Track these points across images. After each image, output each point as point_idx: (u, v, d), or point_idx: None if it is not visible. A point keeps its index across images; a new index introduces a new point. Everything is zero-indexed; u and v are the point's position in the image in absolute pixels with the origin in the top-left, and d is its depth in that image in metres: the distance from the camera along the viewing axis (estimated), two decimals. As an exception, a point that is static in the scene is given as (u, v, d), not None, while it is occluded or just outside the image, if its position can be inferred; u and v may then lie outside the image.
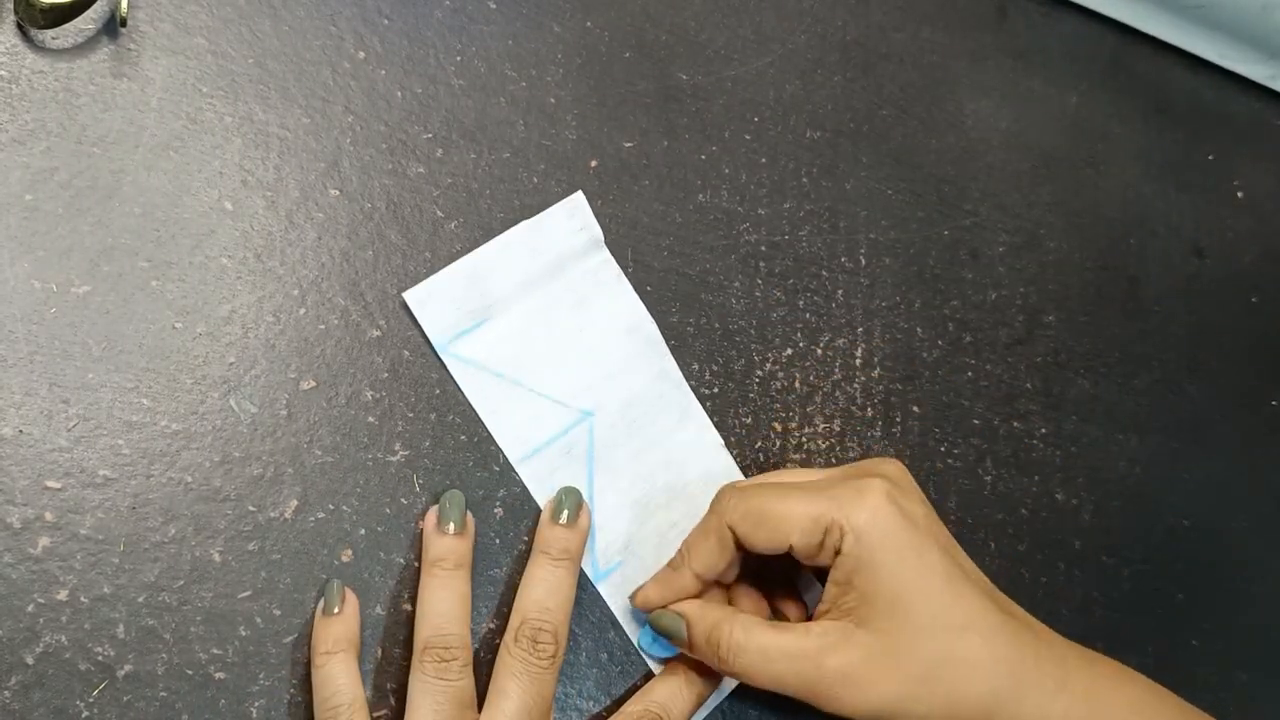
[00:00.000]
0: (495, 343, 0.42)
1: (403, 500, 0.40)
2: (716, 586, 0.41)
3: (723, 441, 0.44)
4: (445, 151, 0.43)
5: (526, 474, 0.41)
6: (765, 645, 0.36)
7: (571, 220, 0.43)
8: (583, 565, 0.41)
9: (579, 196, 0.43)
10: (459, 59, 0.45)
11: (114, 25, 0.40)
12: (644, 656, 0.41)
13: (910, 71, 0.53)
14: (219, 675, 0.36)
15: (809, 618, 0.41)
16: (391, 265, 0.42)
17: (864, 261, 0.49)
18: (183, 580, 0.37)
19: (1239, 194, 0.59)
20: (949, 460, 0.48)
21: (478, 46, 0.45)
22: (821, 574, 0.38)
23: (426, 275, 0.42)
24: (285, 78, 0.42)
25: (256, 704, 0.36)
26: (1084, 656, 0.38)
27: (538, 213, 0.44)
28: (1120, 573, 0.50)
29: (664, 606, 0.40)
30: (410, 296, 0.41)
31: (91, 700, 0.35)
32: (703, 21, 0.49)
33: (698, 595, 0.40)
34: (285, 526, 0.38)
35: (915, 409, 0.48)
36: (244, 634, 0.37)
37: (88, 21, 0.40)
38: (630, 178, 0.46)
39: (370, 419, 0.40)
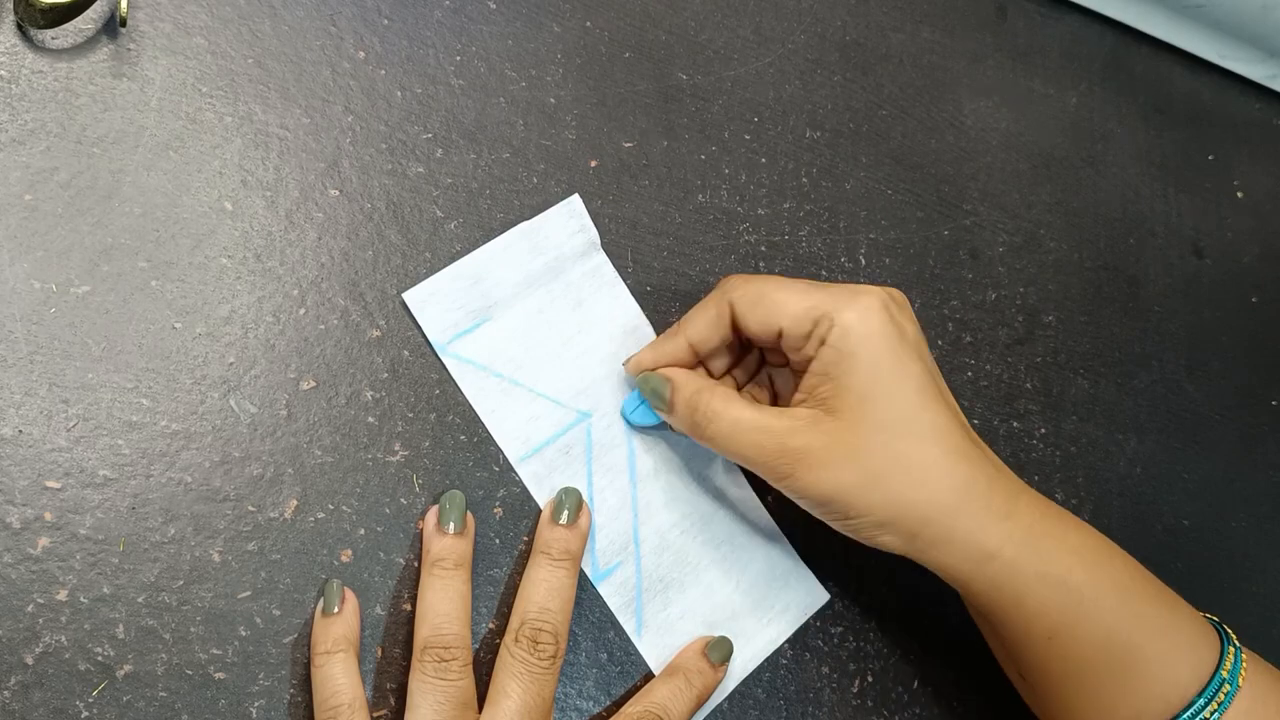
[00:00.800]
0: (494, 343, 0.42)
1: (402, 500, 0.40)
2: (704, 371, 0.42)
3: None
4: (445, 151, 0.43)
5: (526, 474, 0.41)
6: (739, 417, 0.38)
7: (569, 222, 0.43)
8: (583, 566, 0.41)
9: (576, 199, 0.43)
10: (459, 59, 0.45)
11: (114, 25, 0.40)
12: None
13: (910, 71, 0.53)
14: (219, 675, 0.36)
15: None
16: (391, 265, 0.42)
17: (864, 261, 0.49)
18: (182, 580, 0.37)
19: (1239, 194, 0.59)
20: (949, 460, 0.48)
21: (477, 46, 0.45)
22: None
23: (426, 275, 0.42)
24: (285, 78, 0.42)
25: (256, 704, 0.36)
26: (1039, 499, 0.38)
27: (537, 213, 0.44)
28: (1120, 573, 0.50)
29: (654, 370, 0.41)
30: (410, 297, 0.41)
31: (91, 700, 0.35)
32: (702, 22, 0.49)
33: (687, 368, 0.41)
34: (285, 527, 0.38)
35: (915, 409, 0.48)
36: (244, 634, 0.37)
37: (87, 21, 0.40)
38: (630, 178, 0.46)
39: (370, 419, 0.40)
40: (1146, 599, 0.38)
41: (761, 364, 0.43)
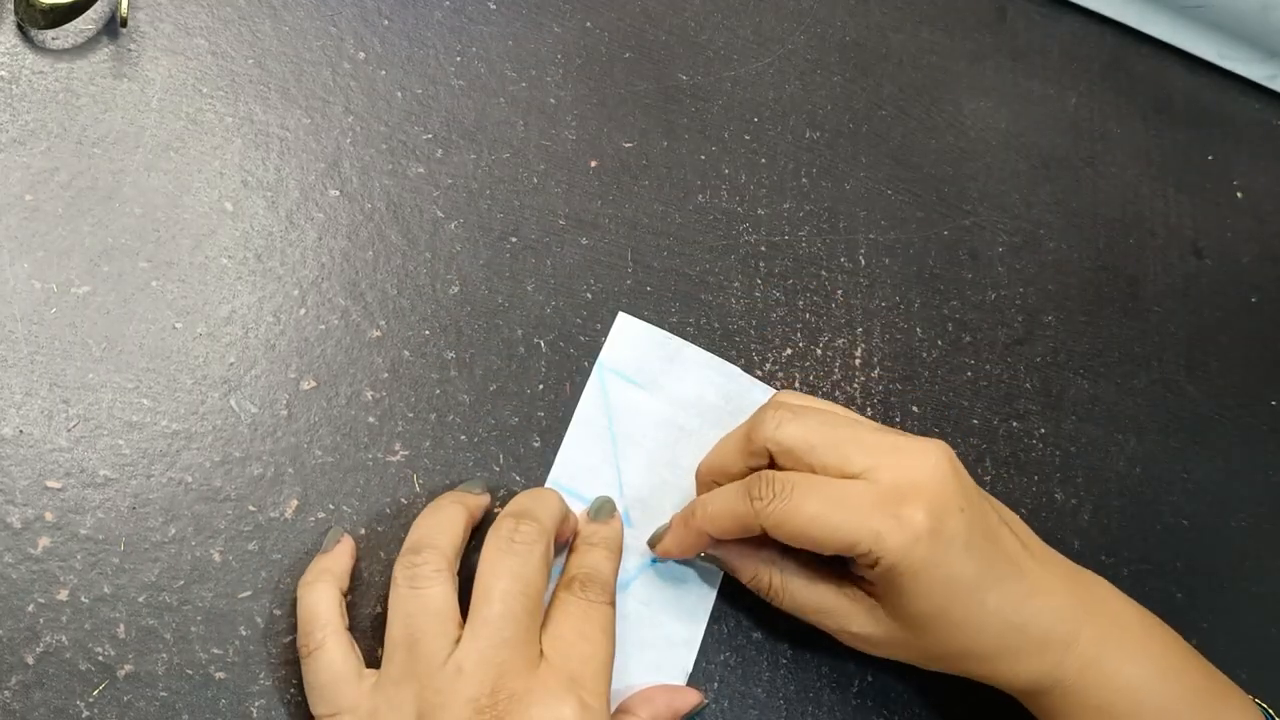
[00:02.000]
0: (632, 405, 0.43)
1: (403, 500, 0.40)
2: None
3: None
4: (445, 152, 0.44)
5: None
6: (799, 600, 0.39)
7: (758, 396, 0.45)
8: None
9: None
10: (459, 59, 0.45)
11: (114, 26, 0.40)
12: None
13: (909, 72, 0.53)
14: (219, 675, 0.36)
15: None
16: (392, 265, 0.42)
17: (863, 262, 0.49)
18: (183, 580, 0.37)
19: (1238, 194, 0.59)
20: (949, 460, 0.48)
21: (478, 47, 0.45)
22: None
23: (427, 276, 0.42)
24: (285, 78, 0.42)
25: (257, 703, 0.36)
26: (1101, 622, 0.39)
27: (535, 214, 0.44)
28: (1120, 572, 0.50)
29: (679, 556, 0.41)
30: (622, 318, 0.43)
31: (92, 700, 0.35)
32: (702, 22, 0.50)
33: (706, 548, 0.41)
34: (285, 526, 0.38)
35: (915, 409, 0.48)
36: (244, 634, 0.37)
37: (88, 22, 0.40)
38: (630, 178, 0.46)
39: (370, 419, 0.40)
40: (1211, 698, 0.39)
41: None
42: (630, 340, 0.44)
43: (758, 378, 0.46)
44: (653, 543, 0.41)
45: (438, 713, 0.33)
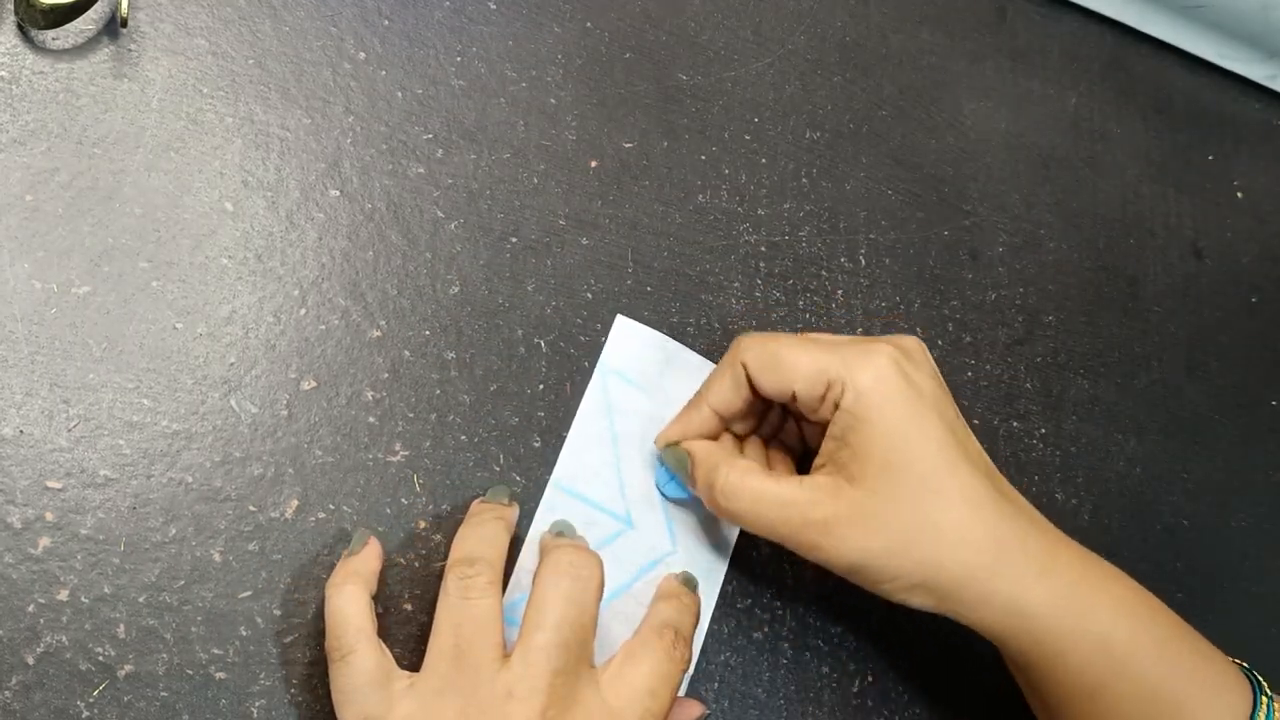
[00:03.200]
0: (631, 406, 0.43)
1: (403, 500, 0.40)
2: (731, 436, 0.41)
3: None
4: (445, 152, 0.44)
5: (548, 496, 0.41)
6: (758, 491, 0.37)
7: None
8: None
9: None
10: (459, 60, 0.45)
11: (114, 26, 0.40)
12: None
13: (909, 72, 0.53)
14: (220, 675, 0.36)
15: None
16: (392, 266, 0.42)
17: (864, 262, 0.49)
18: (183, 580, 0.37)
19: (1238, 194, 0.59)
20: (949, 460, 0.48)
21: (478, 47, 0.45)
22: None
23: (427, 276, 0.42)
24: (286, 78, 0.42)
25: (257, 704, 0.36)
26: (1076, 550, 0.38)
27: (536, 214, 0.44)
28: (1120, 573, 0.50)
29: (679, 443, 0.41)
30: (620, 320, 0.43)
31: (92, 700, 0.35)
32: (702, 22, 0.50)
33: (713, 436, 0.41)
34: (286, 527, 0.38)
35: (915, 409, 0.48)
36: (244, 634, 0.37)
37: (88, 22, 0.40)
38: (630, 178, 0.46)
39: (371, 419, 0.40)
40: (1186, 651, 0.38)
41: (787, 416, 0.43)
42: (629, 342, 0.44)
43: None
44: (657, 437, 0.42)
45: None
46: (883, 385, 0.36)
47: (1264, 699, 0.37)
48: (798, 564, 0.44)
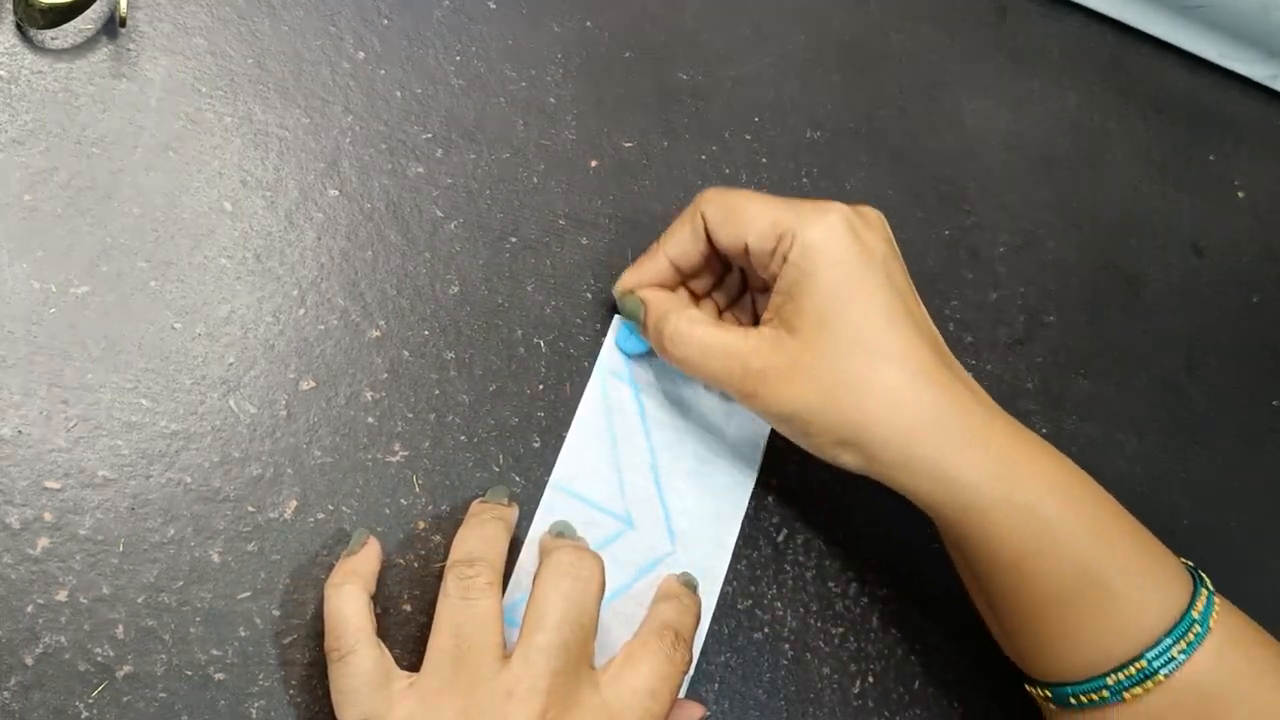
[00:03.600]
0: (629, 408, 0.43)
1: (402, 501, 0.40)
2: (687, 292, 0.42)
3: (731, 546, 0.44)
4: (445, 151, 0.43)
5: (547, 497, 0.41)
6: (704, 339, 0.38)
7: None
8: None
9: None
10: (458, 59, 0.45)
11: (113, 25, 0.40)
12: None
13: (909, 71, 0.53)
14: (218, 676, 0.36)
15: None
16: (391, 265, 0.41)
17: (864, 261, 0.49)
18: (182, 581, 0.37)
19: (1239, 194, 0.59)
20: (949, 460, 0.48)
21: (477, 46, 0.45)
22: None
23: (426, 276, 0.42)
24: (284, 78, 0.42)
25: (256, 704, 0.36)
26: (1015, 426, 0.38)
27: (535, 214, 0.44)
28: (1120, 573, 0.50)
29: (635, 291, 0.41)
30: (617, 321, 0.43)
31: (91, 701, 0.35)
32: (702, 21, 0.49)
33: (670, 288, 0.41)
34: (285, 527, 0.38)
35: (915, 409, 0.48)
36: (243, 634, 0.37)
37: (87, 22, 0.40)
38: (630, 177, 0.46)
39: (370, 419, 0.40)
40: (1119, 535, 0.37)
41: (745, 287, 0.43)
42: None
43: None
44: (616, 286, 0.42)
45: None
46: (831, 241, 0.36)
47: (1204, 592, 0.37)
48: (798, 564, 0.44)
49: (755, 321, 0.43)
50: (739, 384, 0.37)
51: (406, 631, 0.39)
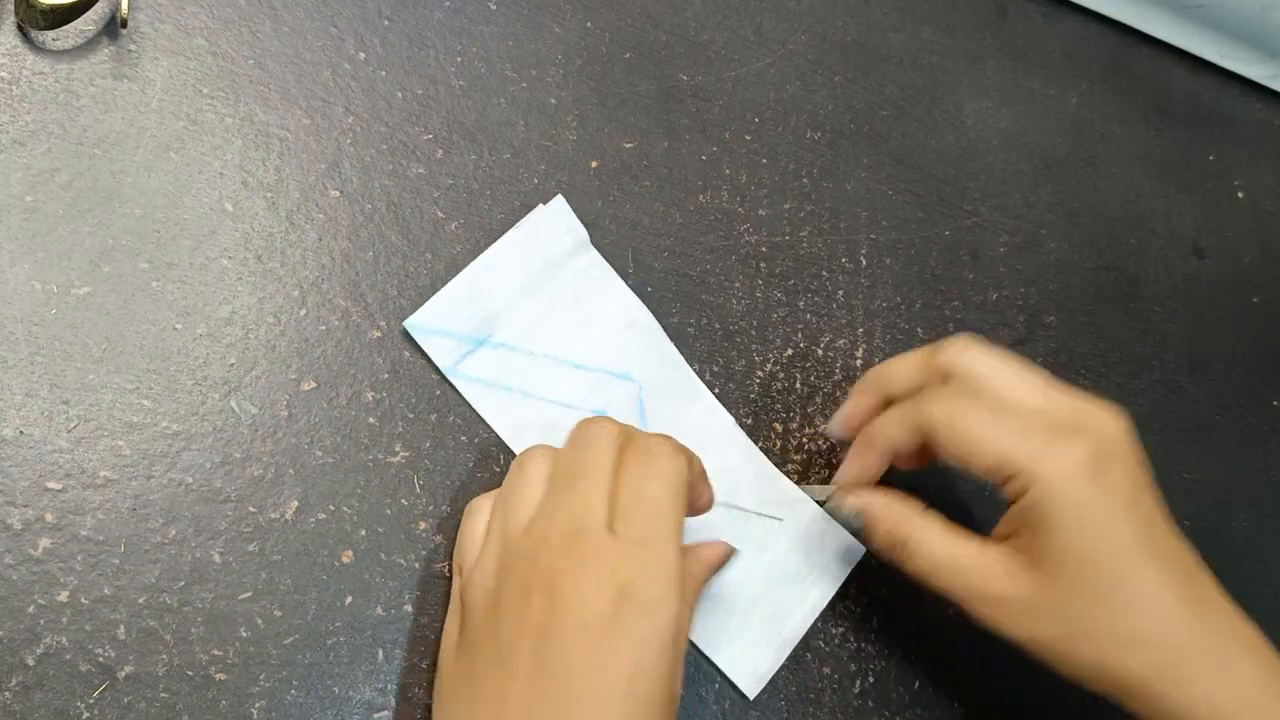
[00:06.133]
0: (500, 358, 0.42)
1: (403, 501, 0.40)
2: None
3: (734, 420, 0.44)
4: (446, 152, 0.43)
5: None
6: (937, 556, 0.37)
7: (557, 223, 0.43)
8: None
9: (560, 200, 0.43)
10: (459, 60, 0.45)
11: (114, 26, 0.40)
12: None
13: (910, 72, 0.53)
14: (220, 676, 0.36)
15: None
16: (392, 266, 0.42)
17: (864, 262, 0.49)
18: (183, 581, 0.37)
19: (1239, 194, 0.59)
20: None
21: (478, 47, 0.45)
22: None
23: (427, 276, 0.42)
24: (286, 79, 0.42)
25: (257, 705, 0.36)
26: (1264, 657, 0.36)
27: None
28: (1121, 573, 0.50)
29: (861, 483, 0.40)
30: (411, 324, 0.41)
31: (92, 701, 0.35)
32: (703, 22, 0.49)
33: (885, 467, 0.40)
34: (286, 528, 0.38)
35: (916, 409, 0.48)
36: (245, 635, 0.37)
37: (88, 23, 0.40)
38: (631, 178, 0.46)
39: (371, 420, 0.40)
40: None
41: None
42: (436, 327, 0.41)
43: (759, 379, 0.46)
44: (835, 488, 0.41)
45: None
46: (1070, 490, 0.35)
47: None
48: (798, 565, 0.44)
49: None
50: (971, 602, 0.36)
51: (408, 631, 0.39)
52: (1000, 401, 0.37)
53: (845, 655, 0.44)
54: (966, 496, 0.47)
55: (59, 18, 0.38)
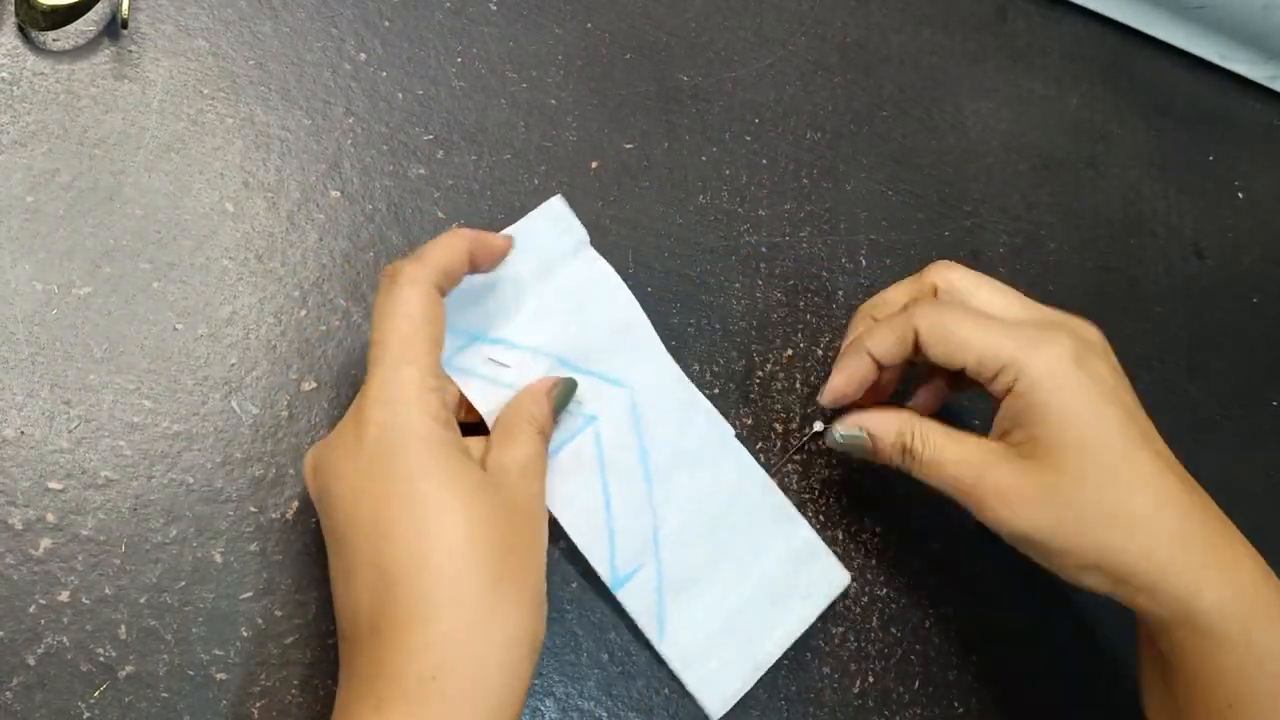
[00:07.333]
0: (496, 353, 0.41)
1: (404, 501, 0.40)
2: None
3: (733, 430, 0.44)
4: (446, 153, 0.44)
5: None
6: (943, 454, 0.38)
7: (555, 224, 0.43)
8: (600, 571, 0.40)
9: (558, 200, 0.43)
10: (460, 61, 0.45)
11: (115, 27, 0.40)
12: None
13: (910, 73, 0.53)
14: (220, 676, 0.36)
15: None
16: (392, 266, 0.42)
17: (864, 263, 0.49)
18: (184, 581, 0.37)
19: (1239, 194, 0.59)
20: (949, 461, 0.48)
21: (479, 48, 0.45)
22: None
23: (427, 276, 0.42)
24: (286, 79, 0.42)
25: (258, 705, 0.36)
26: (1257, 560, 0.37)
27: (538, 214, 0.44)
28: (1121, 573, 0.50)
29: (849, 394, 0.40)
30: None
31: (93, 701, 0.35)
32: (703, 23, 0.50)
33: (868, 382, 0.40)
34: (287, 528, 0.38)
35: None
36: (245, 635, 0.37)
37: (89, 23, 0.40)
38: (631, 179, 0.46)
39: (371, 420, 0.40)
40: None
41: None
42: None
43: (759, 379, 0.46)
44: (821, 396, 0.41)
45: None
46: (1058, 375, 0.36)
47: None
48: (798, 565, 0.44)
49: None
50: (971, 494, 0.37)
51: (408, 632, 0.39)
52: (984, 309, 0.39)
53: (846, 655, 0.44)
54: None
55: (60, 18, 0.38)
